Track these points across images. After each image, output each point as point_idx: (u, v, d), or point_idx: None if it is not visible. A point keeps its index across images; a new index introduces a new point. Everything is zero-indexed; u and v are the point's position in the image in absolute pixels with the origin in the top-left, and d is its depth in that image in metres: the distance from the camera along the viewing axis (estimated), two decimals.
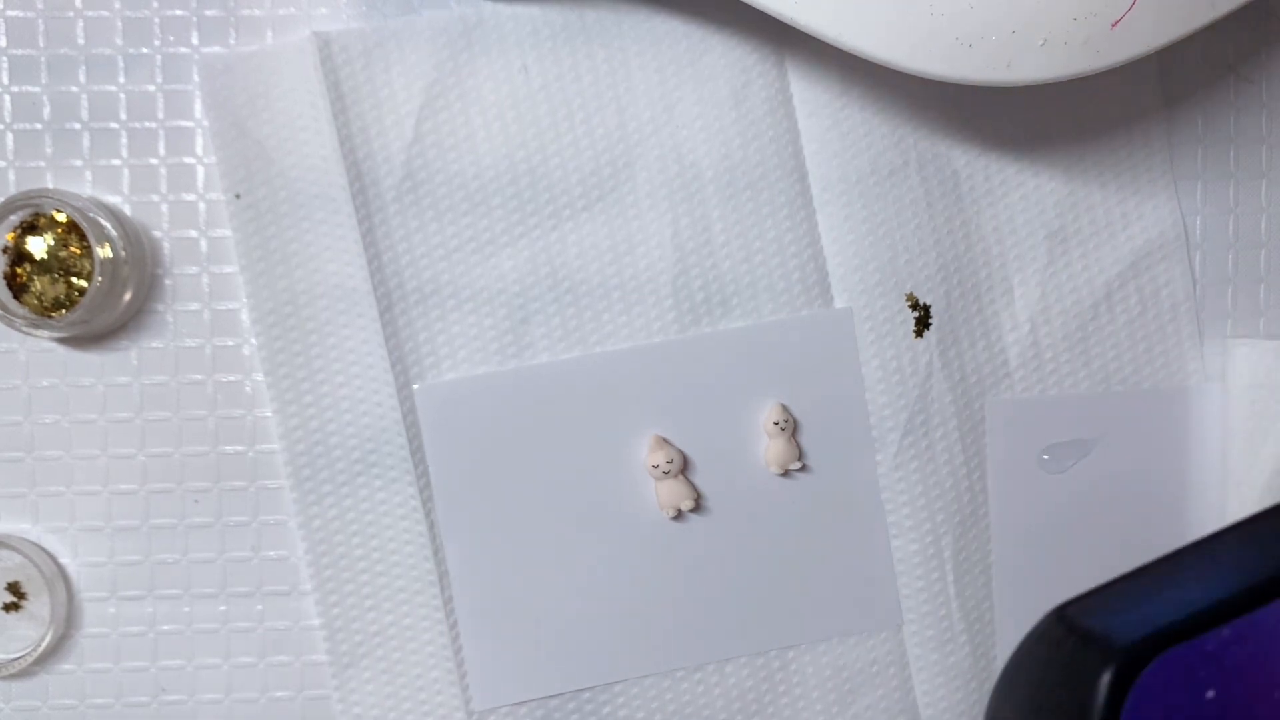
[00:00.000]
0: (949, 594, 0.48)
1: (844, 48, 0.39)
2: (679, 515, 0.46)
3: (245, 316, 0.46)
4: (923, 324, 0.47)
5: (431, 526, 0.46)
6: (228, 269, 0.46)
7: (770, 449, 0.47)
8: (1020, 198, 0.48)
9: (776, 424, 0.46)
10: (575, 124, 0.46)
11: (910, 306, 0.47)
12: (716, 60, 0.46)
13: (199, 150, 0.46)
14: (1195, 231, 0.49)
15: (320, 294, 0.46)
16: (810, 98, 0.47)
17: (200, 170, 0.46)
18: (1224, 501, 0.48)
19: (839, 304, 0.47)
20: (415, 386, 0.46)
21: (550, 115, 0.46)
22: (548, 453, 0.46)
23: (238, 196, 0.45)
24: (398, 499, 0.46)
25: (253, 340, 0.46)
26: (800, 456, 0.47)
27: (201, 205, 0.46)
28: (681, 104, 0.46)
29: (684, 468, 0.46)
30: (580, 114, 0.46)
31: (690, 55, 0.46)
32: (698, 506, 0.47)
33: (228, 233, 0.46)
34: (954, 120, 0.47)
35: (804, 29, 0.39)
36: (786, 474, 0.47)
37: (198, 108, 0.46)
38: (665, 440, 0.46)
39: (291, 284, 0.46)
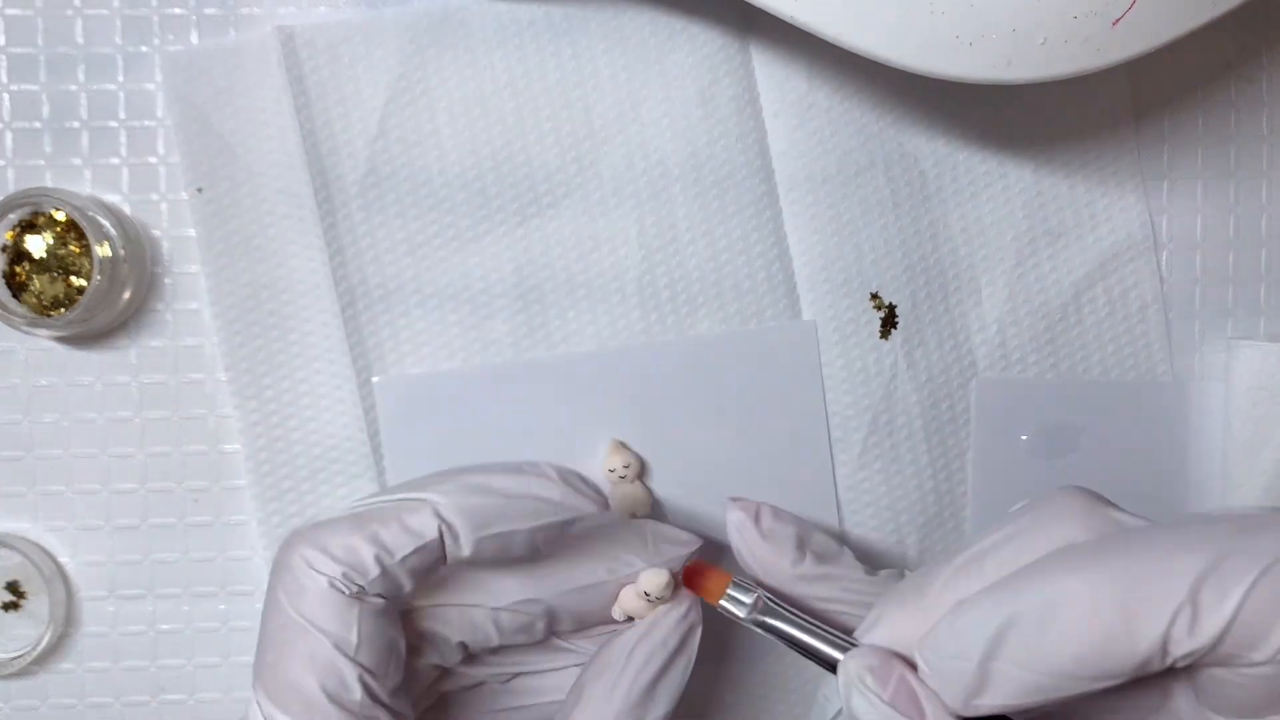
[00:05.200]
0: None
1: (843, 46, 0.38)
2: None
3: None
4: (888, 324, 0.46)
5: None
6: None
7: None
8: (988, 198, 0.46)
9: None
10: (541, 121, 0.45)
11: (875, 307, 0.46)
12: (683, 59, 0.45)
13: None
14: (1195, 230, 0.47)
15: (282, 289, 0.44)
16: (777, 96, 0.45)
17: None
18: (1223, 505, 0.46)
19: (805, 303, 0.45)
20: (375, 380, 0.44)
21: (516, 112, 0.44)
22: (506, 453, 0.44)
23: (200, 191, 0.44)
24: (358, 495, 0.44)
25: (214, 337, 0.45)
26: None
27: None
28: (648, 102, 0.45)
29: (641, 473, 0.45)
30: (546, 111, 0.45)
31: (657, 53, 0.45)
32: (655, 513, 0.45)
33: None
34: (922, 120, 0.46)
35: (803, 27, 0.38)
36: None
37: None
38: (624, 445, 0.45)
39: (253, 279, 0.44)
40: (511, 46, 0.44)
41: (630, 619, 0.39)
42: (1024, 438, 0.47)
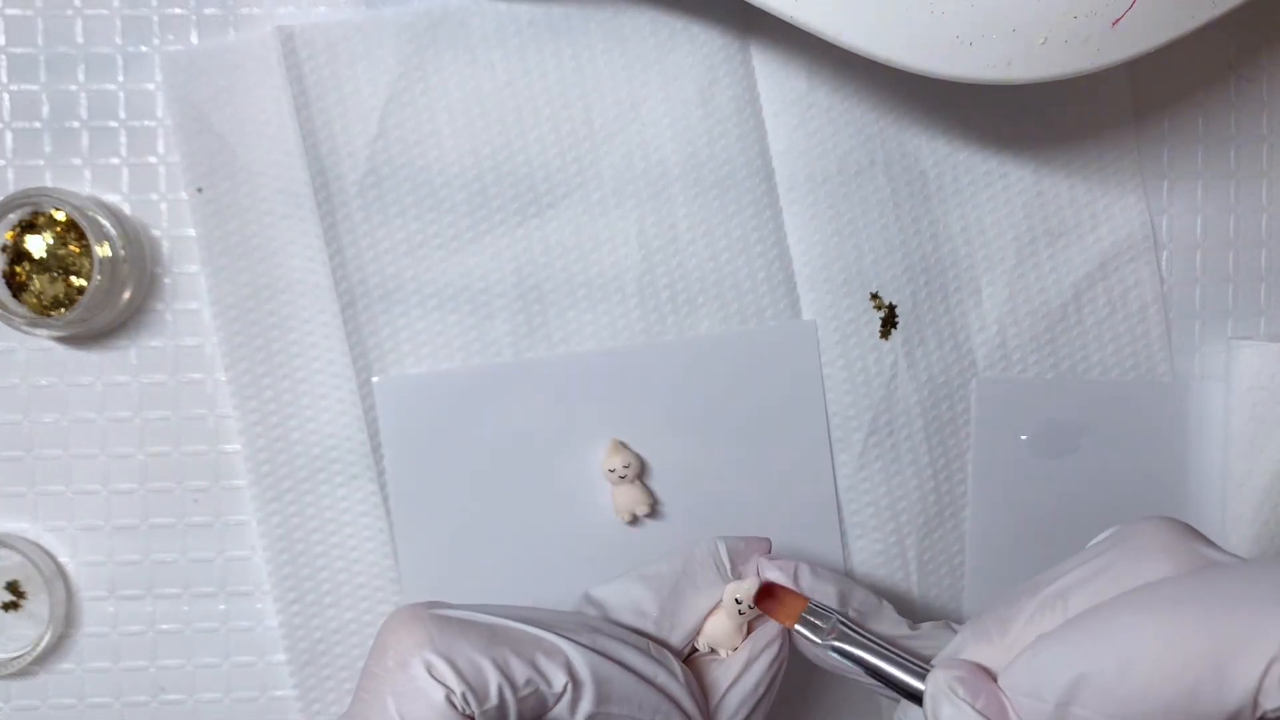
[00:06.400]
0: (913, 595, 0.46)
1: (843, 45, 0.38)
2: (635, 520, 0.45)
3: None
4: (889, 325, 0.46)
5: (392, 525, 0.45)
6: None
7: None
8: (988, 198, 0.46)
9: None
10: (541, 121, 0.44)
11: (875, 307, 0.46)
12: (683, 58, 0.45)
13: None
14: (1195, 230, 0.47)
15: (281, 289, 0.44)
16: (777, 96, 0.45)
17: None
18: (1224, 505, 0.46)
19: (805, 303, 0.45)
20: (375, 380, 0.44)
21: (516, 112, 0.44)
22: (506, 452, 0.45)
23: (200, 191, 0.44)
24: (358, 495, 0.44)
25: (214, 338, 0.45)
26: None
27: None
28: (648, 102, 0.45)
29: (641, 473, 0.45)
30: (546, 111, 0.44)
31: (657, 53, 0.45)
32: (654, 512, 0.45)
33: None
34: (922, 119, 0.46)
35: (803, 27, 0.38)
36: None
37: None
38: (623, 445, 0.44)
39: (253, 279, 0.44)
40: (511, 46, 0.44)
41: (713, 650, 0.38)
42: (1024, 438, 0.46)
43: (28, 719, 0.45)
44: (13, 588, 0.44)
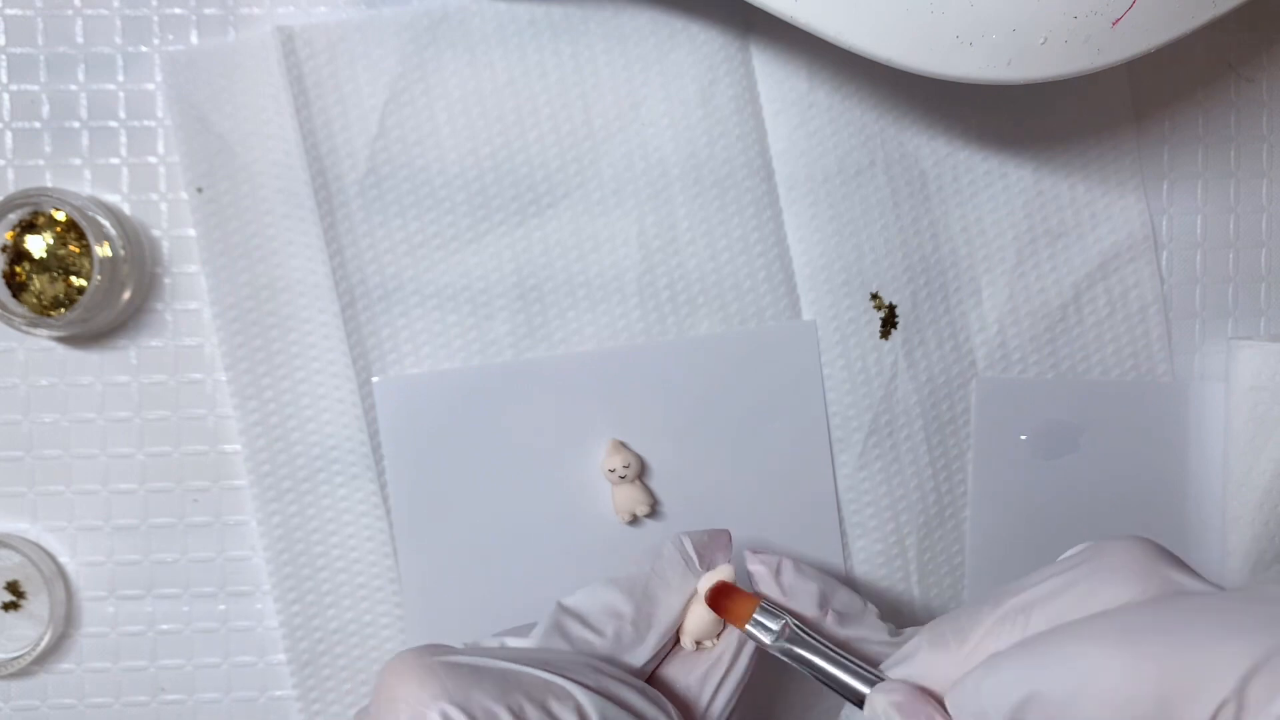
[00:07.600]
0: (913, 594, 0.46)
1: (843, 45, 0.38)
2: (635, 520, 0.45)
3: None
4: (889, 325, 0.46)
5: (392, 525, 0.45)
6: None
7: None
8: (988, 198, 0.46)
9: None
10: (541, 120, 0.45)
11: (875, 306, 0.46)
12: (683, 58, 0.45)
13: None
14: (1195, 230, 0.47)
15: (282, 289, 0.44)
16: (777, 96, 0.45)
17: None
18: (1224, 505, 0.46)
19: (805, 303, 0.45)
20: (375, 379, 0.44)
21: (516, 111, 0.44)
22: (506, 452, 0.45)
23: (200, 191, 0.44)
24: (358, 495, 0.44)
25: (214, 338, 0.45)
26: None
27: None
28: (648, 101, 0.45)
29: (641, 473, 0.45)
30: (546, 110, 0.45)
31: (657, 53, 0.45)
32: (654, 512, 0.45)
33: None
34: (922, 119, 0.46)
35: (803, 26, 0.38)
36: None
37: None
38: (623, 444, 0.44)
39: (253, 279, 0.44)
40: (511, 46, 0.44)
41: (699, 644, 0.38)
42: (1024, 438, 0.46)
43: (28, 719, 0.45)
44: (13, 588, 0.44)
